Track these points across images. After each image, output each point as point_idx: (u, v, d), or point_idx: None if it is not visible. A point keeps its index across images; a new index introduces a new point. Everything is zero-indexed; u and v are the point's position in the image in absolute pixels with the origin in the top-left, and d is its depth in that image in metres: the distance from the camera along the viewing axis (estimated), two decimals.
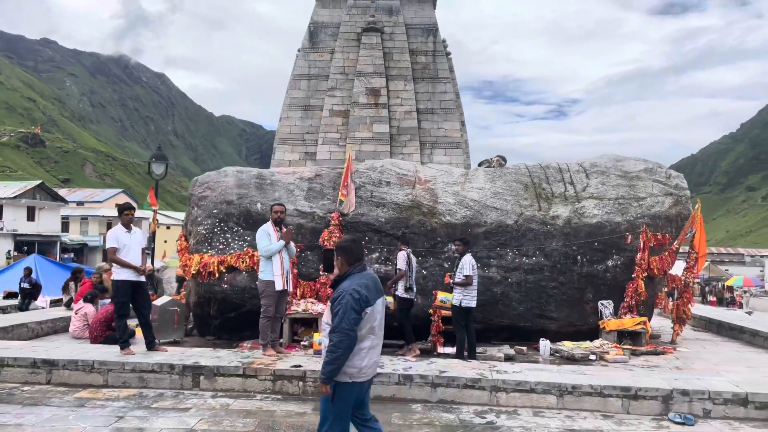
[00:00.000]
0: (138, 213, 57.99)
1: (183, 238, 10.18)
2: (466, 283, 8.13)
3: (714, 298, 33.81)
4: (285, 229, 7.60)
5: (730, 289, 37.55)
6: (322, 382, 3.65)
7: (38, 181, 47.84)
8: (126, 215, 7.64)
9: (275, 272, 7.35)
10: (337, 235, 9.25)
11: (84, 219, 50.34)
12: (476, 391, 6.29)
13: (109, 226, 51.82)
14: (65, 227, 47.92)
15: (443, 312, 8.83)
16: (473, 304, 8.32)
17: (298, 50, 23.45)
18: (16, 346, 7.68)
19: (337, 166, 21.10)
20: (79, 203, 54.68)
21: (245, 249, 9.36)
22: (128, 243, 7.53)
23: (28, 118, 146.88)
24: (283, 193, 9.87)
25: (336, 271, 3.93)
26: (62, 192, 54.14)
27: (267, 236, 7.40)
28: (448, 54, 24.59)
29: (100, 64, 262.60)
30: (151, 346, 7.63)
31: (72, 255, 44.82)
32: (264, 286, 7.43)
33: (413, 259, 8.80)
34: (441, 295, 8.64)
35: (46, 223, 44.69)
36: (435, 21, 23.84)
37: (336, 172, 10.60)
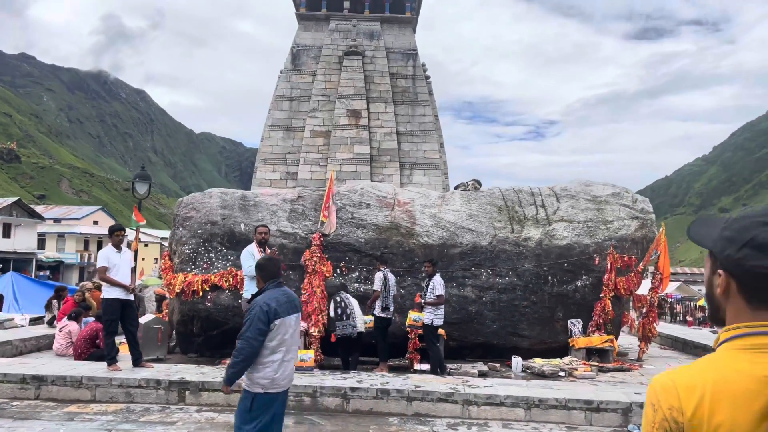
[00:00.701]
0: None
1: (167, 258, 10.44)
2: (438, 302, 8.52)
3: (691, 318, 34.57)
4: (269, 250, 7.94)
5: (702, 308, 38.50)
6: (224, 383, 4.02)
7: (15, 198, 47.41)
8: (116, 236, 7.93)
9: None
10: (319, 255, 9.58)
11: (61, 236, 49.91)
12: (449, 405, 6.65)
13: (86, 243, 51.47)
14: (41, 244, 47.43)
15: (418, 330, 9.20)
16: (441, 322, 8.73)
17: (281, 72, 23.91)
18: (4, 362, 7.87)
19: (319, 186, 21.52)
20: (56, 220, 54.19)
21: (228, 268, 9.65)
22: (118, 263, 7.81)
23: (4, 133, 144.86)
24: (266, 214, 10.20)
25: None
26: (39, 209, 53.64)
27: (251, 257, 7.73)
28: (427, 77, 25.25)
29: (78, 80, 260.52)
30: (137, 362, 7.87)
31: (48, 272, 44.34)
32: (248, 304, 7.74)
33: (391, 279, 9.16)
34: (413, 314, 9.00)
35: (22, 240, 44.23)
36: (415, 46, 24.50)
37: (318, 194, 10.97)
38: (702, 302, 42.95)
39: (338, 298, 8.77)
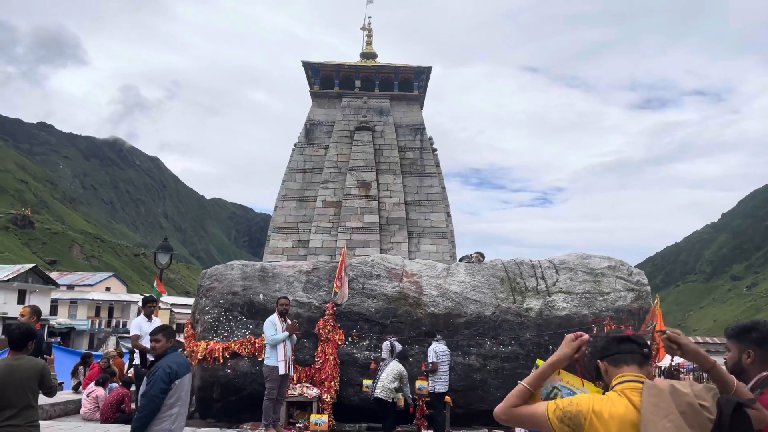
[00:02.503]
0: (129, 296, 58.15)
1: (190, 326, 11.14)
2: (433, 370, 9.14)
3: None
4: (290, 321, 8.66)
5: None
6: None
7: (31, 265, 48.50)
8: (149, 307, 8.72)
9: (279, 358, 8.36)
10: (332, 324, 10.26)
11: (73, 302, 50.62)
12: None
13: (97, 309, 52.05)
14: (53, 310, 48.10)
15: (425, 398, 9.76)
16: (444, 389, 9.27)
17: (294, 145, 25.18)
18: (42, 425, 8.45)
19: (330, 253, 22.31)
20: (69, 287, 55.08)
21: (248, 336, 10.32)
22: (148, 331, 8.55)
23: (19, 199, 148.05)
24: (284, 285, 10.95)
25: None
26: (53, 275, 54.64)
27: (273, 326, 8.46)
28: (434, 150, 26.44)
29: (94, 148, 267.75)
30: None
31: (59, 339, 44.75)
32: (269, 371, 8.41)
33: (397, 347, 9.80)
34: (418, 383, 9.60)
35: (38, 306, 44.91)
36: (422, 121, 25.82)
37: (331, 265, 11.74)
38: None
39: (389, 343, 9.42)
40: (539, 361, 2.33)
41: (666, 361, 11.85)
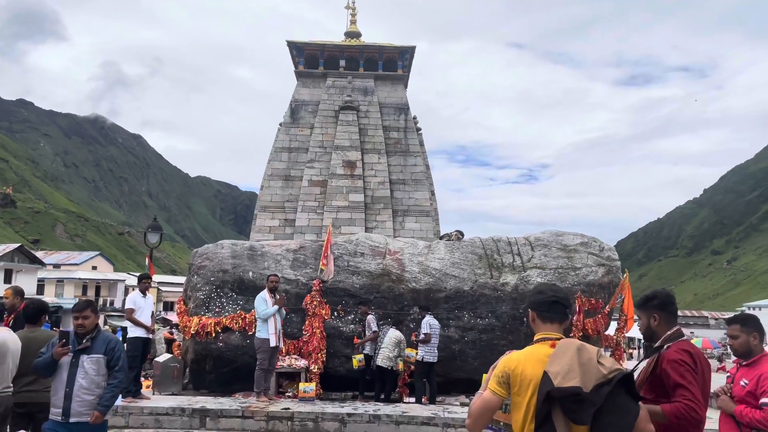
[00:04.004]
0: (116, 275, 58.29)
1: (182, 302, 11.65)
2: (425, 340, 9.77)
3: None
4: (278, 296, 9.22)
5: None
6: (102, 413, 4.70)
7: (17, 244, 48.51)
8: (144, 283, 9.22)
9: (270, 331, 8.94)
10: (318, 299, 10.81)
11: (60, 281, 50.79)
12: (431, 428, 7.83)
13: (84, 288, 52.25)
14: (40, 290, 48.24)
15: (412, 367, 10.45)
16: (433, 359, 9.93)
17: (280, 125, 25.45)
18: None
19: (316, 232, 22.77)
20: (56, 266, 55.16)
21: (238, 312, 10.86)
22: (143, 306, 9.08)
23: (0, 178, 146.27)
24: (272, 263, 11.47)
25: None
26: (39, 254, 54.66)
27: (264, 302, 9.01)
28: (418, 129, 26.86)
29: (75, 125, 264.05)
30: (137, 394, 9.01)
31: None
32: (260, 343, 8.99)
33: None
34: (407, 351, 10.24)
35: (22, 286, 44.98)
36: (406, 101, 26.18)
37: (317, 244, 12.27)
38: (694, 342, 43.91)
39: (373, 316, 10.20)
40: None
41: (634, 331, 12.62)
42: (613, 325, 13.23)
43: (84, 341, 4.79)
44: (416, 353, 10.07)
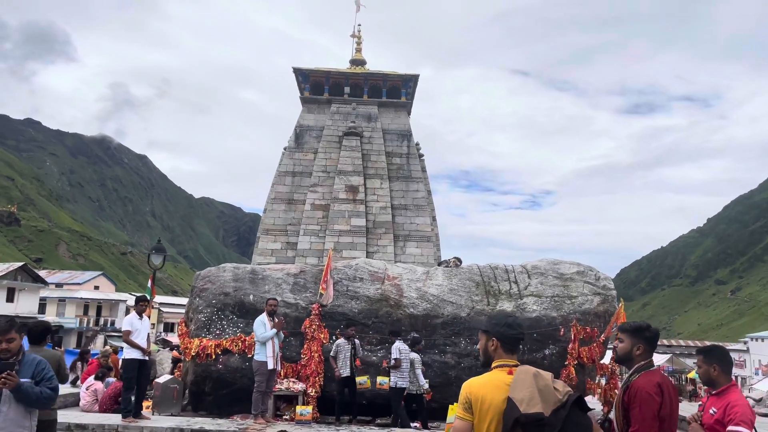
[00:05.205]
0: (118, 295, 58.39)
1: (183, 324, 11.85)
2: (395, 366, 9.99)
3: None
4: (277, 320, 9.43)
5: (693, 381, 38.99)
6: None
7: (21, 263, 48.82)
8: (140, 305, 9.45)
9: (268, 354, 9.13)
10: (317, 323, 11.00)
11: (62, 300, 50.95)
12: None
13: (85, 308, 52.38)
14: (42, 308, 48.44)
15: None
16: (405, 384, 10.12)
17: (284, 149, 25.84)
18: None
19: (317, 255, 22.94)
20: (58, 285, 55.40)
21: (238, 334, 11.06)
22: (140, 328, 9.29)
23: (5, 196, 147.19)
24: (273, 287, 11.70)
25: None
26: (42, 273, 54.94)
27: (263, 325, 9.21)
28: (421, 156, 27.20)
29: (82, 145, 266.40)
30: (137, 414, 9.16)
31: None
32: (258, 365, 9.18)
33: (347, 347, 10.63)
34: (379, 378, 10.50)
35: (25, 305, 45.31)
36: (409, 127, 26.57)
37: (317, 268, 12.50)
38: (693, 375, 43.51)
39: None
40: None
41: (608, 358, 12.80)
42: (608, 354, 13.36)
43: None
44: (389, 380, 10.25)
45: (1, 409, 3.94)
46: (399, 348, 10.14)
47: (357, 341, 10.69)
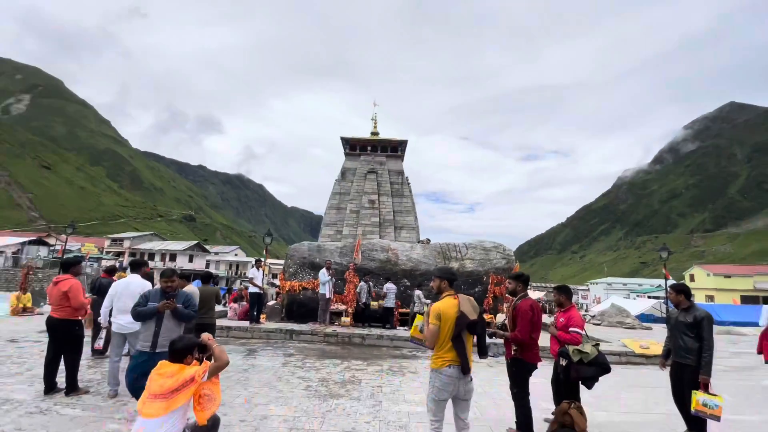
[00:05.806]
0: (247, 259, 58.36)
1: (282, 274, 11.92)
2: (384, 296, 9.91)
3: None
4: (332, 270, 9.48)
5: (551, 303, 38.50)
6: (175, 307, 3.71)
7: (196, 241, 49.26)
8: (259, 263, 9.46)
9: (326, 290, 9.20)
10: (352, 273, 10.95)
11: (218, 262, 51.31)
12: (411, 343, 7.97)
13: (230, 265, 52.61)
14: (207, 265, 48.84)
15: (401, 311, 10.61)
16: (392, 305, 10.04)
17: (336, 180, 25.86)
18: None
19: (353, 239, 22.84)
20: (216, 253, 55.83)
21: (310, 279, 11.12)
22: (257, 276, 9.18)
23: (187, 205, 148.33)
24: (329, 254, 11.74)
25: None
26: (207, 246, 55.33)
27: (323, 275, 9.27)
28: (408, 183, 27.09)
29: (228, 178, 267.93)
30: (258, 321, 9.17)
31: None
32: (321, 296, 9.25)
33: (364, 287, 10.51)
34: (371, 303, 10.41)
35: (198, 264, 45.81)
36: (402, 168, 26.45)
37: (353, 244, 12.53)
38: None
39: (418, 293, 10.00)
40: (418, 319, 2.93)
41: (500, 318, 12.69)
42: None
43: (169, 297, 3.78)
44: (379, 304, 10.22)
45: (164, 321, 3.70)
46: (387, 287, 10.17)
47: (371, 283, 10.67)
